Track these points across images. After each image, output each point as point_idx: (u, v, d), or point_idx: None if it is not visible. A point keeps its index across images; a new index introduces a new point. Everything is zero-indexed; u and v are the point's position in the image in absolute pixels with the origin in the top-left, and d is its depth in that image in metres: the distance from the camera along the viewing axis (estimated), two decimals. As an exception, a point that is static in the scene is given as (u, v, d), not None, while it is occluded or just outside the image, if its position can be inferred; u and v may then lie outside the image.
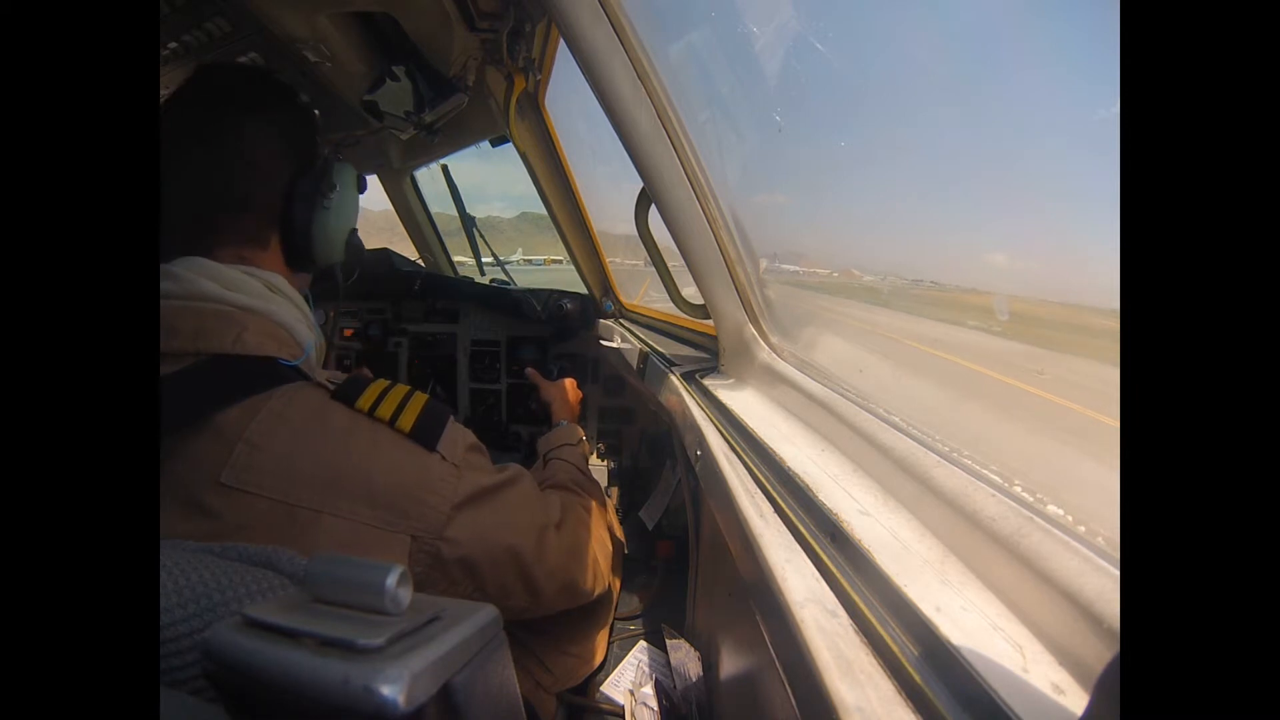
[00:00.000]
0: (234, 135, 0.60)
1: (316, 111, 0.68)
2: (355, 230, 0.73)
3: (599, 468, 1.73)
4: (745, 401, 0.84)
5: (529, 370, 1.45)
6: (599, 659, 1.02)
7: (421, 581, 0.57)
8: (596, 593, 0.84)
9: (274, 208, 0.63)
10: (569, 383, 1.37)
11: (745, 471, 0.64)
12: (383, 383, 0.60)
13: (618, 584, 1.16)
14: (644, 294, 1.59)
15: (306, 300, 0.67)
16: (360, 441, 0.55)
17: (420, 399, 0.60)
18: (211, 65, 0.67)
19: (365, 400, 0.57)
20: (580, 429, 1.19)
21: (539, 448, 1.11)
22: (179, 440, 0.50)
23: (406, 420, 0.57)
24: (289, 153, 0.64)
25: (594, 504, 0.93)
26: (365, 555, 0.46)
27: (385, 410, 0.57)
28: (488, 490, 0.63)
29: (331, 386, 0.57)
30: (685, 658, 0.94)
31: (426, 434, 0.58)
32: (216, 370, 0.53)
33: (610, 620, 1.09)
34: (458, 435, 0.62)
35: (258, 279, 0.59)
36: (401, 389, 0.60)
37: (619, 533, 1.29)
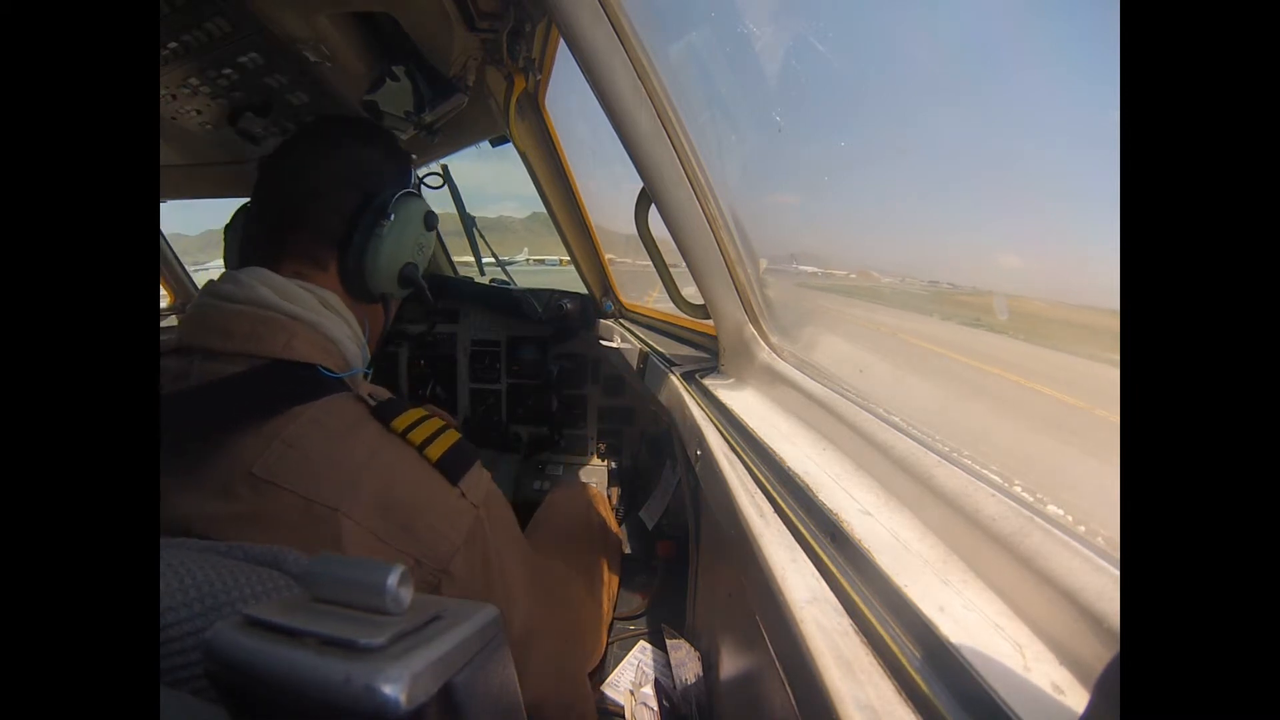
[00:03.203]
0: (311, 164, 0.67)
1: (414, 156, 0.75)
2: (412, 264, 0.74)
3: (599, 468, 1.73)
4: (745, 401, 0.84)
5: None
6: (599, 659, 1.02)
7: None
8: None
9: (335, 233, 0.67)
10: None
11: (745, 471, 0.64)
12: (421, 411, 0.63)
13: (616, 582, 1.16)
14: (653, 299, 1.57)
15: (363, 328, 0.71)
16: (387, 456, 0.57)
17: (452, 436, 0.62)
18: (328, 115, 0.79)
19: (401, 422, 0.59)
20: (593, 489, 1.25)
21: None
22: (225, 437, 0.53)
23: (435, 451, 0.60)
24: (358, 185, 0.68)
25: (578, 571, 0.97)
26: None
27: (417, 436, 0.59)
28: (495, 534, 0.65)
29: (372, 403, 0.60)
30: (685, 658, 0.94)
31: (451, 468, 0.60)
32: (268, 375, 0.57)
33: (610, 620, 1.10)
34: (481, 479, 0.65)
35: (313, 294, 0.64)
36: (437, 422, 0.63)
37: (615, 528, 1.30)
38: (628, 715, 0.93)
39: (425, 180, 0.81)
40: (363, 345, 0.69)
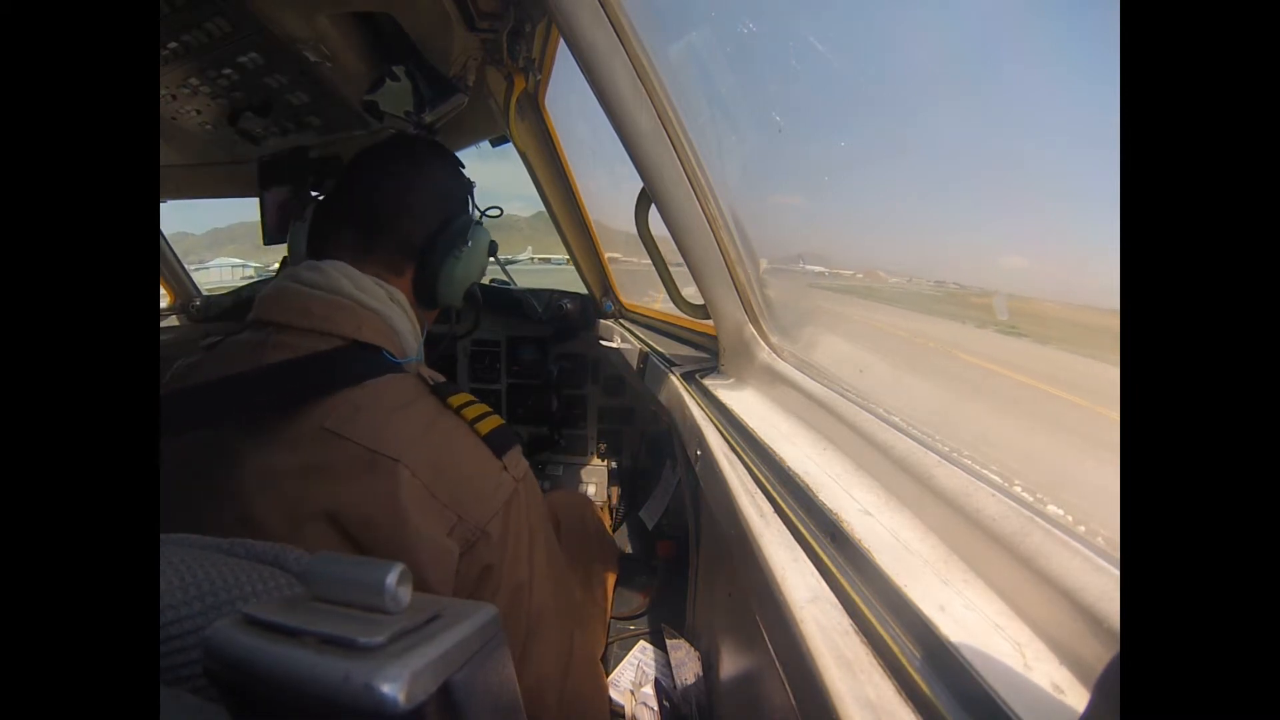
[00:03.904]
0: (408, 182, 0.75)
1: (474, 183, 0.84)
2: (476, 284, 0.85)
3: (599, 468, 1.73)
4: (745, 401, 0.84)
5: None
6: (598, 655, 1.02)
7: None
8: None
9: (415, 246, 0.75)
10: None
11: (745, 471, 0.64)
12: (471, 396, 0.70)
13: (612, 579, 1.17)
14: (659, 302, 1.56)
15: (421, 326, 0.79)
16: (444, 425, 0.65)
17: (498, 419, 0.70)
18: (412, 135, 0.88)
19: (455, 400, 0.67)
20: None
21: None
22: (306, 401, 0.60)
23: (484, 427, 0.67)
24: (441, 206, 0.78)
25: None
26: (420, 516, 0.57)
27: (469, 414, 0.67)
28: (529, 511, 0.70)
29: (430, 382, 0.68)
30: (685, 658, 0.94)
31: (497, 444, 0.67)
32: (347, 352, 0.65)
33: (608, 620, 1.10)
34: (522, 460, 0.71)
35: (384, 289, 0.72)
36: (485, 406, 0.70)
37: (609, 532, 1.31)
38: (628, 715, 0.93)
39: (488, 212, 0.92)
40: (420, 341, 0.79)
